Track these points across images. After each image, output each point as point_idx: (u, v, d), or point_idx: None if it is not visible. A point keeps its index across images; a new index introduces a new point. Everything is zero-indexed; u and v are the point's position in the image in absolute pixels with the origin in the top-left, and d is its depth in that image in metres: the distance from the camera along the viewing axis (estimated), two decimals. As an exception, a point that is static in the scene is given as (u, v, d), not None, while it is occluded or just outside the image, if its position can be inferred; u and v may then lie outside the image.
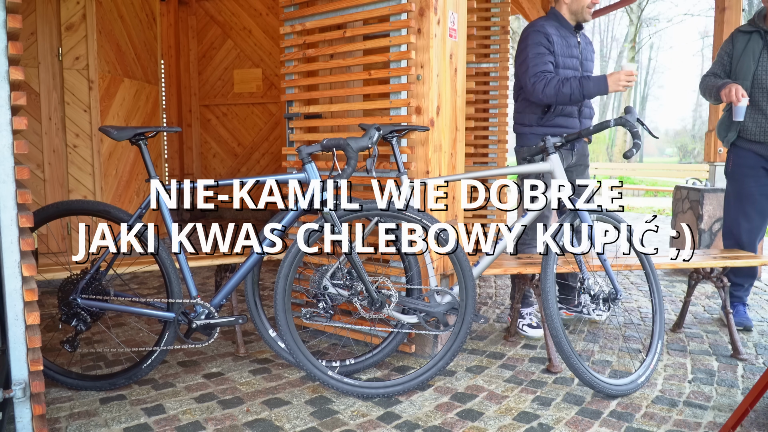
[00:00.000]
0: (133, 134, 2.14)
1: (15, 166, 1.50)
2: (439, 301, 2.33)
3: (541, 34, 2.69)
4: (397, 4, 2.37)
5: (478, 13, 4.14)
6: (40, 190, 3.75)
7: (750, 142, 2.92)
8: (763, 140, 2.87)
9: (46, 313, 3.09)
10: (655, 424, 1.94)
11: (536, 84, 2.63)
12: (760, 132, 2.87)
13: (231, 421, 1.94)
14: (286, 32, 2.74)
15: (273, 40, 6.70)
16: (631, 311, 3.33)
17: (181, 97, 7.28)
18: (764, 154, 2.89)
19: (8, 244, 1.49)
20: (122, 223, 2.15)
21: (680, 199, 4.53)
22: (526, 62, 2.69)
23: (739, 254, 2.85)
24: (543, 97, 2.64)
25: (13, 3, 1.48)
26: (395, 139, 2.36)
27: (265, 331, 2.36)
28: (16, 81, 1.48)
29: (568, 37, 2.78)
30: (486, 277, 4.22)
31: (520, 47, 2.76)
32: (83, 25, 3.75)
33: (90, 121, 3.82)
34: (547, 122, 2.78)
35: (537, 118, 2.80)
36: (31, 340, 1.54)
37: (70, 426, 1.89)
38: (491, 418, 1.99)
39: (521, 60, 2.74)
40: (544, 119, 2.77)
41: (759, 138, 2.88)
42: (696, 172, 9.44)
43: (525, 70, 2.69)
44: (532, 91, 2.66)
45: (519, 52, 2.77)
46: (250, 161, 7.10)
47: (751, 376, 2.36)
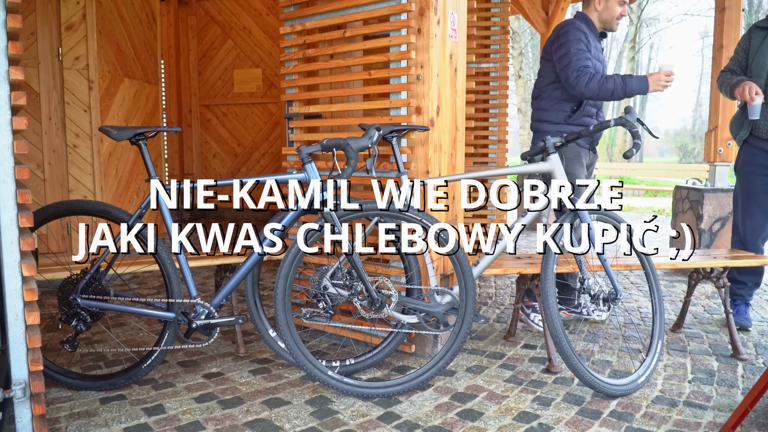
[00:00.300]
0: (133, 134, 2.14)
1: (15, 166, 1.50)
2: (439, 301, 2.33)
3: (580, 32, 2.72)
4: (397, 4, 2.37)
5: (478, 13, 4.14)
6: (40, 190, 3.75)
7: (762, 141, 2.90)
8: None
9: (46, 313, 3.09)
10: (655, 424, 1.94)
11: (580, 77, 2.64)
12: None
13: (231, 421, 1.94)
14: (286, 32, 2.74)
15: (273, 40, 6.70)
16: (631, 311, 3.33)
17: (181, 97, 7.28)
18: None
19: (8, 244, 1.49)
20: (122, 223, 2.15)
21: (680, 199, 4.53)
22: (569, 56, 2.68)
23: (739, 254, 2.85)
24: (585, 91, 2.65)
25: (13, 3, 1.48)
26: (395, 139, 2.36)
27: (265, 331, 2.36)
28: (16, 81, 1.49)
29: (596, 41, 2.83)
30: (486, 277, 4.22)
31: (559, 42, 2.75)
32: (83, 25, 3.75)
33: (90, 121, 3.82)
34: (575, 121, 2.81)
35: (565, 116, 2.81)
36: (31, 340, 1.54)
37: (70, 426, 1.89)
38: (491, 418, 1.99)
39: (561, 54, 2.72)
40: (573, 118, 2.80)
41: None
42: (696, 172, 9.45)
43: (567, 63, 2.69)
44: (574, 84, 2.66)
45: (558, 47, 2.76)
46: (250, 161, 7.10)
47: (751, 376, 2.36)
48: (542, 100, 2.91)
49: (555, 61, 2.79)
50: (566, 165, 2.81)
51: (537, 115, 2.93)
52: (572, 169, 2.82)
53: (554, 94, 2.85)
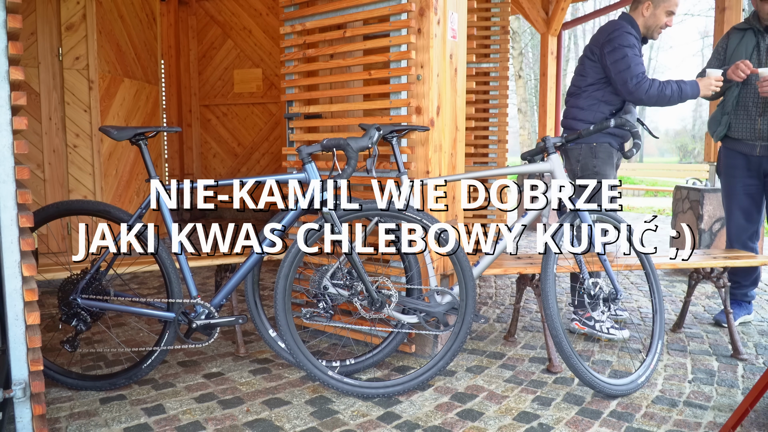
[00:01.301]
0: (133, 134, 2.14)
1: (15, 166, 1.50)
2: (439, 301, 2.33)
3: (633, 37, 2.71)
4: (397, 4, 2.37)
5: (478, 13, 4.14)
6: (40, 190, 3.75)
7: (736, 141, 2.99)
8: (748, 139, 2.92)
9: (46, 313, 3.09)
10: (655, 424, 1.94)
11: (641, 84, 2.63)
12: (745, 130, 2.93)
13: (231, 421, 1.94)
14: (286, 32, 2.74)
15: (273, 40, 6.70)
16: (631, 311, 3.33)
17: (181, 97, 7.28)
18: (748, 153, 2.95)
19: (8, 244, 1.49)
20: (122, 223, 2.15)
21: (680, 199, 4.53)
22: (626, 61, 2.66)
23: (739, 254, 2.85)
24: (645, 98, 2.65)
25: (13, 3, 1.48)
26: (395, 139, 2.36)
27: (265, 331, 2.36)
28: (16, 81, 1.49)
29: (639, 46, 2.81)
30: (486, 277, 4.22)
31: (613, 45, 2.69)
32: (83, 25, 3.75)
33: (90, 121, 3.82)
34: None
35: (603, 117, 2.80)
36: (31, 340, 1.54)
37: (70, 426, 1.89)
38: (491, 418, 1.99)
39: (617, 58, 2.67)
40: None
41: (744, 136, 2.94)
42: (696, 172, 9.45)
43: (625, 68, 2.65)
44: (633, 90, 2.64)
45: (612, 50, 2.69)
46: (250, 161, 7.10)
47: (751, 376, 2.36)
48: (580, 99, 2.86)
49: (609, 64, 2.71)
50: (598, 166, 2.80)
51: (573, 113, 2.89)
52: (604, 170, 2.80)
53: (595, 94, 2.81)
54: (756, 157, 2.93)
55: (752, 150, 2.92)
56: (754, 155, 2.92)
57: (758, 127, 2.88)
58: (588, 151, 2.80)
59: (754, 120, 2.89)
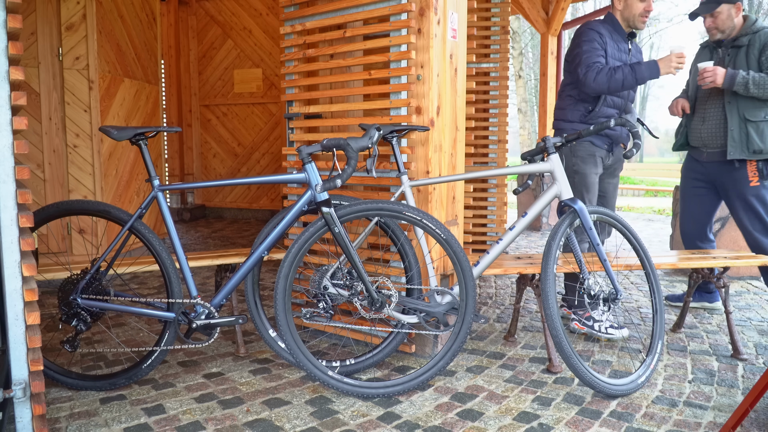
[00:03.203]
0: (133, 134, 2.15)
1: (15, 166, 1.50)
2: (439, 301, 2.33)
3: (595, 32, 2.76)
4: (397, 4, 2.37)
5: (478, 13, 4.14)
6: (40, 190, 3.75)
7: (692, 148, 3.21)
8: (698, 146, 3.13)
9: (46, 313, 3.09)
10: (655, 424, 1.94)
11: (588, 73, 2.67)
12: (695, 138, 3.13)
13: (231, 421, 1.94)
14: (286, 32, 2.74)
15: (273, 40, 6.70)
16: (631, 311, 3.33)
17: (181, 97, 7.29)
18: (698, 159, 3.16)
19: (8, 244, 1.49)
20: (122, 223, 2.15)
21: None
22: (580, 55, 2.73)
23: (739, 254, 2.85)
24: (595, 86, 2.67)
25: (13, 3, 1.48)
26: (395, 139, 2.36)
27: (265, 331, 2.36)
28: (17, 81, 1.49)
29: (620, 42, 2.84)
30: (486, 277, 4.22)
31: (573, 44, 2.81)
32: (83, 25, 3.75)
33: (90, 121, 3.82)
34: (590, 120, 2.84)
35: (581, 115, 2.86)
36: (32, 340, 1.54)
37: (70, 426, 1.89)
38: (491, 418, 1.99)
39: (574, 54, 2.78)
40: (588, 118, 2.84)
41: (695, 143, 3.15)
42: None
43: (578, 62, 2.73)
44: (584, 80, 2.69)
45: (572, 48, 2.81)
46: (250, 161, 7.10)
47: (752, 376, 2.36)
48: (561, 100, 2.98)
49: (568, 63, 2.86)
50: (578, 164, 2.83)
51: (556, 113, 3.01)
52: (583, 168, 2.83)
53: (572, 93, 2.90)
54: (704, 162, 3.11)
55: (700, 156, 3.13)
56: (702, 160, 3.12)
57: (702, 135, 3.07)
58: (568, 150, 2.86)
59: (699, 128, 3.09)
